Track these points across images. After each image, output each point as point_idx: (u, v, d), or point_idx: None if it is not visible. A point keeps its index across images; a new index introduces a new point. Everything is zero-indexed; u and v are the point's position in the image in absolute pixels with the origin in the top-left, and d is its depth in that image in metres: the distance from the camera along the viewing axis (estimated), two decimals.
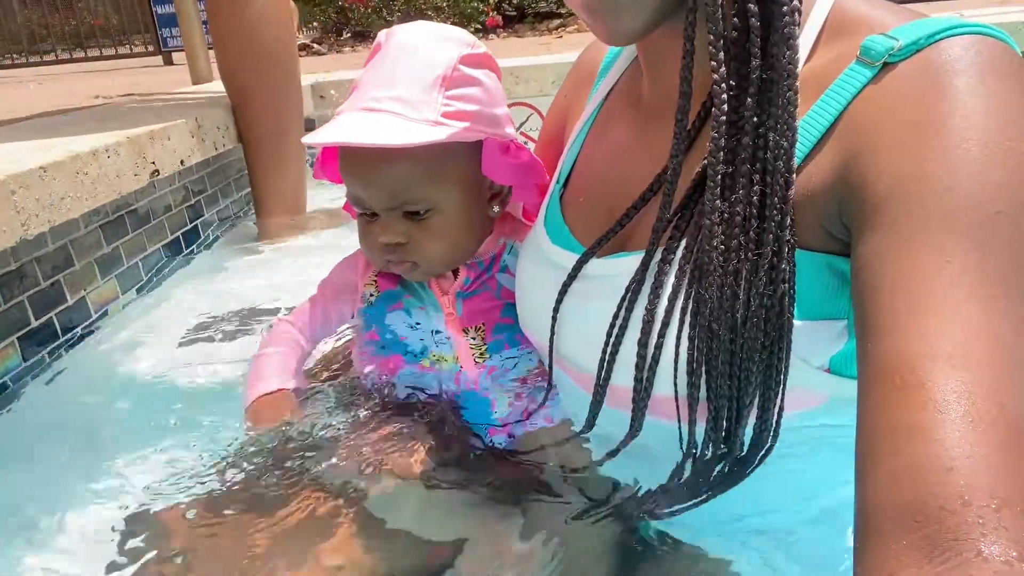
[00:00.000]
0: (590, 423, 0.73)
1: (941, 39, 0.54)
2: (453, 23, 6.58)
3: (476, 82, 0.89)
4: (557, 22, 6.69)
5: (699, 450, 0.65)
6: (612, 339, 0.68)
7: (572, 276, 0.74)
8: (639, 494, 0.77)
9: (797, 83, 0.57)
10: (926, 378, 0.44)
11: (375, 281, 1.03)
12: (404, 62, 0.88)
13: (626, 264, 0.69)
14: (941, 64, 0.53)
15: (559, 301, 0.76)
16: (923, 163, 0.50)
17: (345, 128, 0.85)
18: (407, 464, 0.87)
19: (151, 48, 7.66)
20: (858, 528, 0.44)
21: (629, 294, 0.67)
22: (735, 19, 0.59)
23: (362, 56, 1.11)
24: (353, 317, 1.07)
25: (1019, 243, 0.48)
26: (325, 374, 1.10)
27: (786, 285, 0.58)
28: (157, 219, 1.88)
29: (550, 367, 0.82)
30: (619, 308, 0.67)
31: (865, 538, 0.43)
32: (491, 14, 6.44)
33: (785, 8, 0.58)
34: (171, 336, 1.55)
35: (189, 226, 2.06)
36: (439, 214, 0.91)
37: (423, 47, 0.89)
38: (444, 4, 6.56)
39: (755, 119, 0.58)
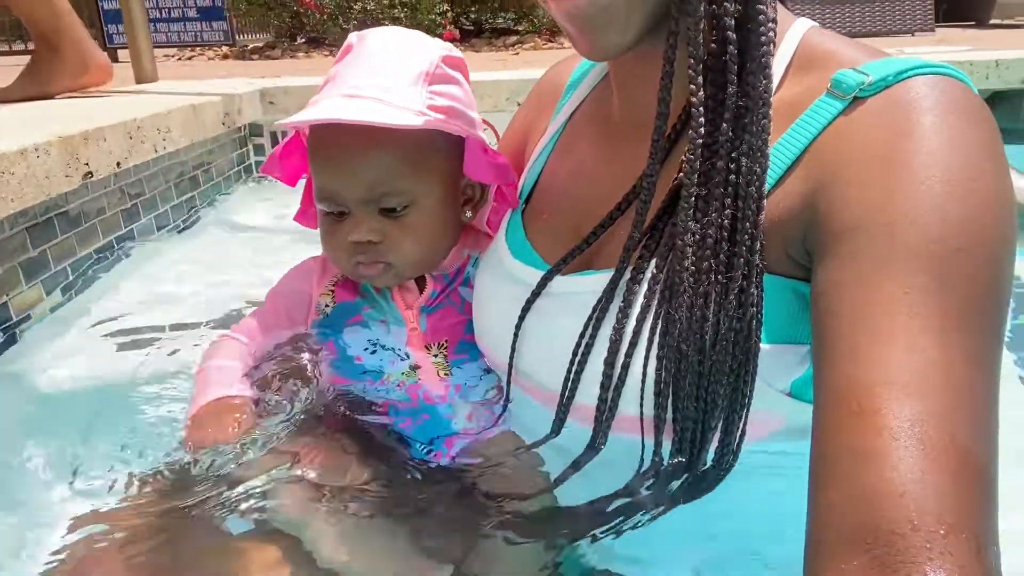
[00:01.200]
0: (555, 431, 0.71)
1: (908, 77, 0.57)
2: None
3: (456, 81, 0.88)
4: (514, 39, 6.72)
5: (662, 466, 0.65)
6: (578, 357, 0.67)
7: (536, 292, 0.73)
8: (594, 507, 0.74)
9: (771, 111, 0.59)
10: (882, 405, 0.45)
11: (332, 291, 0.98)
12: (384, 57, 0.86)
13: (592, 282, 0.69)
14: (908, 101, 0.56)
15: (522, 318, 0.74)
16: (888, 197, 0.52)
17: (327, 109, 0.81)
18: (341, 489, 0.83)
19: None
20: (809, 547, 0.45)
21: (597, 312, 0.66)
22: (713, 44, 0.60)
23: (316, 62, 1.08)
24: (307, 330, 1.01)
25: (975, 279, 0.50)
26: (274, 384, 1.05)
27: (754, 309, 0.59)
28: (89, 222, 1.80)
29: (508, 383, 0.80)
30: (586, 326, 0.67)
31: (816, 558, 0.44)
32: (448, 27, 6.43)
33: (763, 38, 0.59)
34: (99, 343, 1.49)
35: (124, 231, 1.98)
36: (418, 210, 0.87)
37: (402, 46, 0.88)
38: (401, 15, 6.53)
39: (729, 143, 0.59)
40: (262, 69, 5.15)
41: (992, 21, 7.43)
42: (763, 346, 0.60)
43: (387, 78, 0.83)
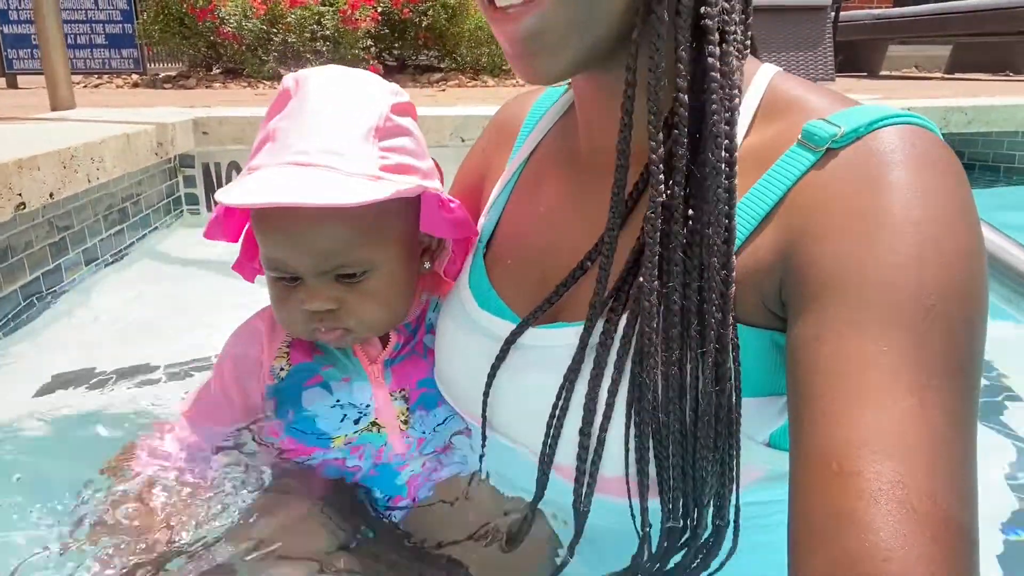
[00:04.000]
0: (537, 500, 0.68)
1: (879, 128, 0.57)
2: None
3: (407, 132, 0.82)
4: (438, 75, 6.74)
5: (659, 536, 0.62)
6: (554, 422, 0.65)
7: (505, 349, 0.70)
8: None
9: (730, 181, 0.57)
10: (862, 467, 0.45)
11: (286, 353, 0.90)
12: (329, 111, 0.78)
13: (563, 336, 0.67)
14: (880, 153, 0.56)
15: (492, 375, 0.71)
16: (862, 253, 0.52)
17: (275, 186, 0.73)
18: (305, 552, 0.77)
19: None
20: None
21: (568, 374, 0.64)
22: (678, 99, 0.59)
23: (235, 93, 1.02)
24: (263, 398, 0.92)
25: (951, 335, 0.50)
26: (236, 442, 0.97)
27: (731, 383, 0.57)
28: (16, 257, 1.66)
29: (483, 438, 0.77)
30: (560, 390, 0.64)
31: None
32: (372, 63, 6.38)
33: (726, 103, 0.58)
34: (21, 390, 1.37)
35: (51, 266, 1.84)
36: (376, 275, 0.81)
37: (347, 95, 0.80)
38: (323, 48, 6.45)
39: (683, 208, 0.58)
40: (178, 99, 4.96)
41: (882, 72, 8.01)
42: (744, 399, 0.59)
43: (335, 139, 0.75)
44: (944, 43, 8.50)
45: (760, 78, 0.66)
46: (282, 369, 0.90)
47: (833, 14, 5.67)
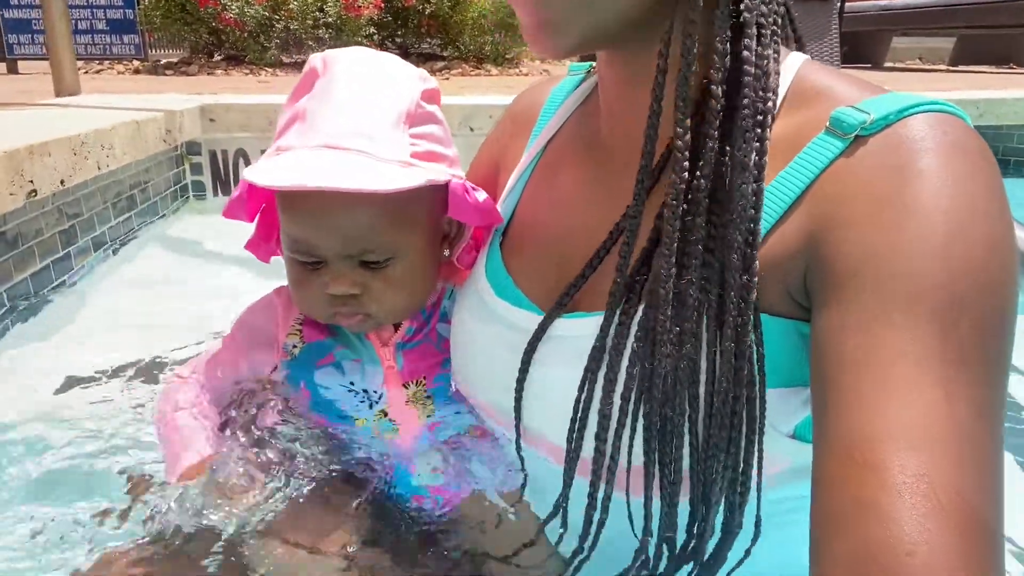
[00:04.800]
0: (564, 497, 0.67)
1: (909, 115, 0.56)
2: None
3: (435, 119, 0.81)
4: (441, 64, 6.72)
5: (655, 527, 0.62)
6: (579, 415, 0.64)
7: (535, 341, 0.69)
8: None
9: (758, 184, 0.56)
10: (887, 459, 0.44)
11: (299, 330, 0.90)
12: (359, 94, 0.77)
13: (584, 326, 0.65)
14: (911, 141, 0.54)
15: (523, 371, 0.70)
16: (890, 242, 0.51)
17: (309, 169, 0.72)
18: (326, 545, 0.77)
19: None
20: None
21: (590, 365, 0.63)
22: (705, 81, 0.58)
23: (236, 80, 1.00)
24: (273, 371, 0.92)
25: (980, 326, 0.49)
26: (244, 424, 0.97)
27: (754, 377, 0.56)
28: (27, 244, 1.65)
29: (518, 439, 0.75)
30: (582, 383, 0.63)
31: None
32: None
33: (762, 93, 0.57)
34: (31, 376, 1.36)
35: (61, 253, 1.83)
36: (401, 261, 0.80)
37: (377, 78, 0.79)
38: (326, 36, 6.42)
39: (707, 200, 0.57)
40: (180, 85, 4.93)
41: (886, 64, 7.99)
42: (768, 390, 0.58)
43: (367, 123, 0.75)
44: (948, 35, 8.48)
45: (788, 66, 0.65)
46: (295, 346, 0.90)
47: (839, 4, 5.65)
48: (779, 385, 0.59)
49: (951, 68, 7.96)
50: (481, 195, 0.83)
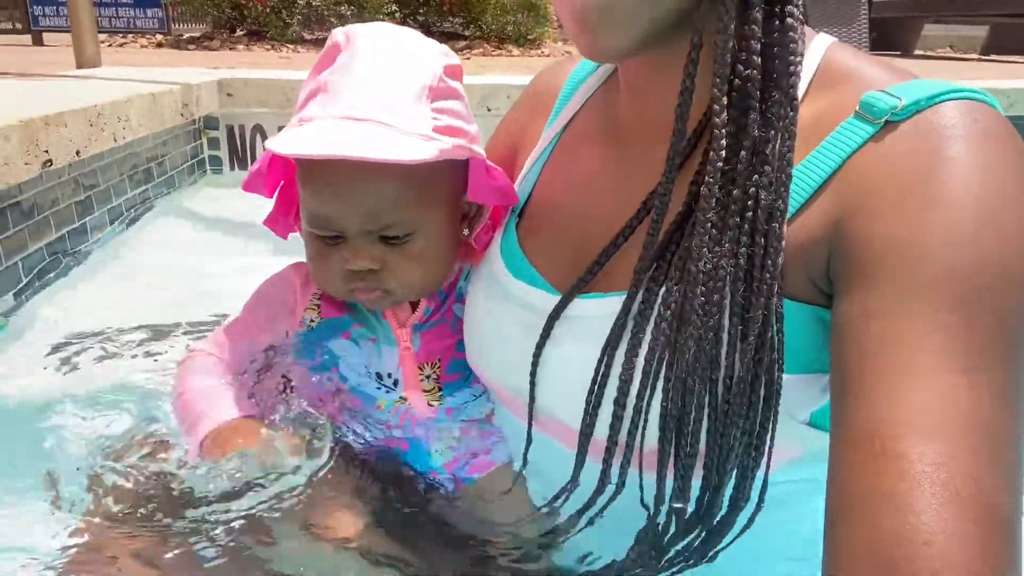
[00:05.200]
0: (574, 479, 0.67)
1: (940, 102, 0.55)
2: None
3: (458, 95, 0.81)
4: (463, 43, 6.68)
5: (666, 504, 0.62)
6: (594, 393, 0.64)
7: (552, 319, 0.69)
8: (613, 561, 0.70)
9: (795, 143, 0.56)
10: (906, 447, 0.44)
11: (317, 305, 0.90)
12: (383, 68, 0.76)
13: (602, 306, 0.65)
14: (941, 128, 0.54)
15: (539, 350, 0.69)
16: (917, 230, 0.51)
17: (331, 139, 0.71)
18: (347, 526, 0.77)
19: (19, 26, 7.01)
20: None
21: (611, 341, 0.63)
22: (740, 65, 0.58)
23: (258, 55, 1.00)
24: (288, 342, 0.92)
25: (1004, 317, 0.48)
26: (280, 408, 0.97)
27: (774, 354, 0.56)
28: (42, 215, 1.66)
29: (530, 419, 0.75)
30: (600, 361, 0.63)
31: None
32: None
33: (791, 67, 0.57)
34: (45, 346, 1.37)
35: (77, 224, 1.84)
36: (420, 238, 0.80)
37: (399, 52, 0.78)
38: (348, 12, 6.40)
39: (747, 173, 0.56)
40: (201, 60, 4.94)
41: (916, 52, 7.84)
42: (786, 376, 0.57)
43: (389, 95, 0.74)
44: (981, 23, 8.30)
45: (815, 48, 0.64)
46: (312, 320, 0.90)
47: None
48: (797, 371, 0.58)
49: (982, 57, 7.80)
50: (499, 174, 0.82)
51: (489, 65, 5.45)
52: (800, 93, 0.60)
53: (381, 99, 0.74)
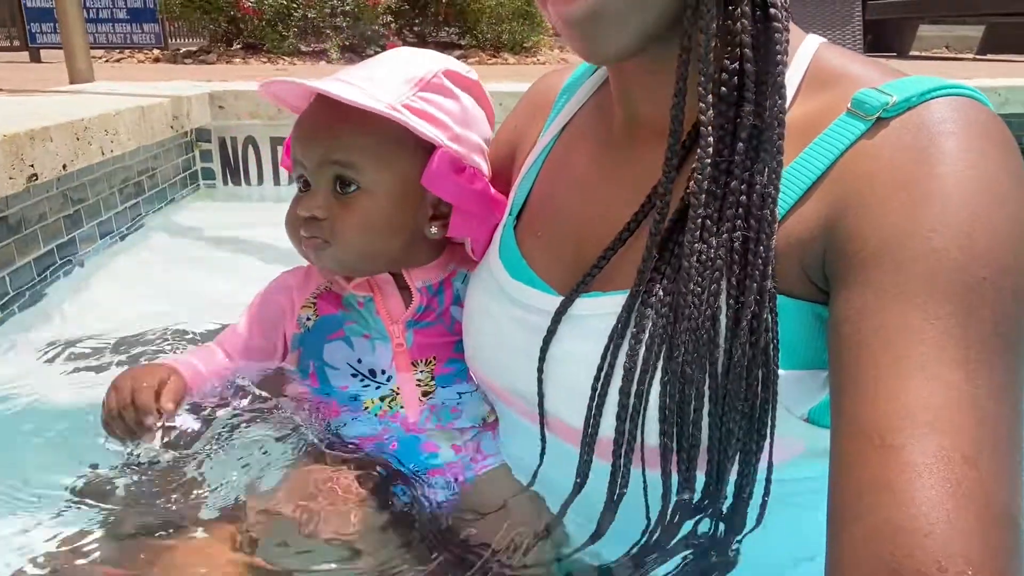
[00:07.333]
0: (581, 478, 0.67)
1: (931, 99, 0.56)
2: (353, 44, 6.48)
3: (454, 97, 0.86)
4: (458, 53, 6.69)
5: (673, 500, 0.62)
6: (598, 389, 0.64)
7: (556, 320, 0.69)
8: (618, 559, 0.70)
9: (785, 131, 0.57)
10: (906, 440, 0.44)
11: (313, 303, 0.94)
12: (387, 60, 0.87)
13: (603, 304, 0.66)
14: (933, 124, 0.54)
15: (544, 351, 0.70)
16: (912, 224, 0.51)
17: (304, 83, 0.82)
18: (341, 525, 0.78)
19: (16, 43, 7.05)
20: None
21: (613, 339, 0.63)
22: (726, 61, 0.59)
23: (255, 68, 1.08)
24: (287, 348, 0.96)
25: (1001, 309, 0.49)
26: (249, 401, 0.98)
27: (769, 335, 0.57)
28: (30, 229, 1.66)
29: (541, 422, 0.75)
30: (604, 356, 0.64)
31: None
32: (392, 39, 6.35)
33: (778, 57, 0.58)
34: (35, 362, 1.37)
35: (66, 238, 1.84)
36: (367, 196, 0.85)
37: (411, 54, 0.89)
38: (344, 24, 6.43)
39: (743, 164, 0.57)
40: (197, 74, 4.96)
41: (911, 53, 7.84)
42: (783, 372, 0.58)
43: (379, 74, 0.84)
44: (977, 23, 8.30)
45: (805, 49, 0.65)
46: (308, 319, 0.94)
47: None
48: (794, 367, 0.59)
49: (978, 57, 7.80)
50: (479, 183, 0.85)
51: (486, 74, 5.44)
52: (791, 92, 0.62)
53: (371, 74, 0.84)
